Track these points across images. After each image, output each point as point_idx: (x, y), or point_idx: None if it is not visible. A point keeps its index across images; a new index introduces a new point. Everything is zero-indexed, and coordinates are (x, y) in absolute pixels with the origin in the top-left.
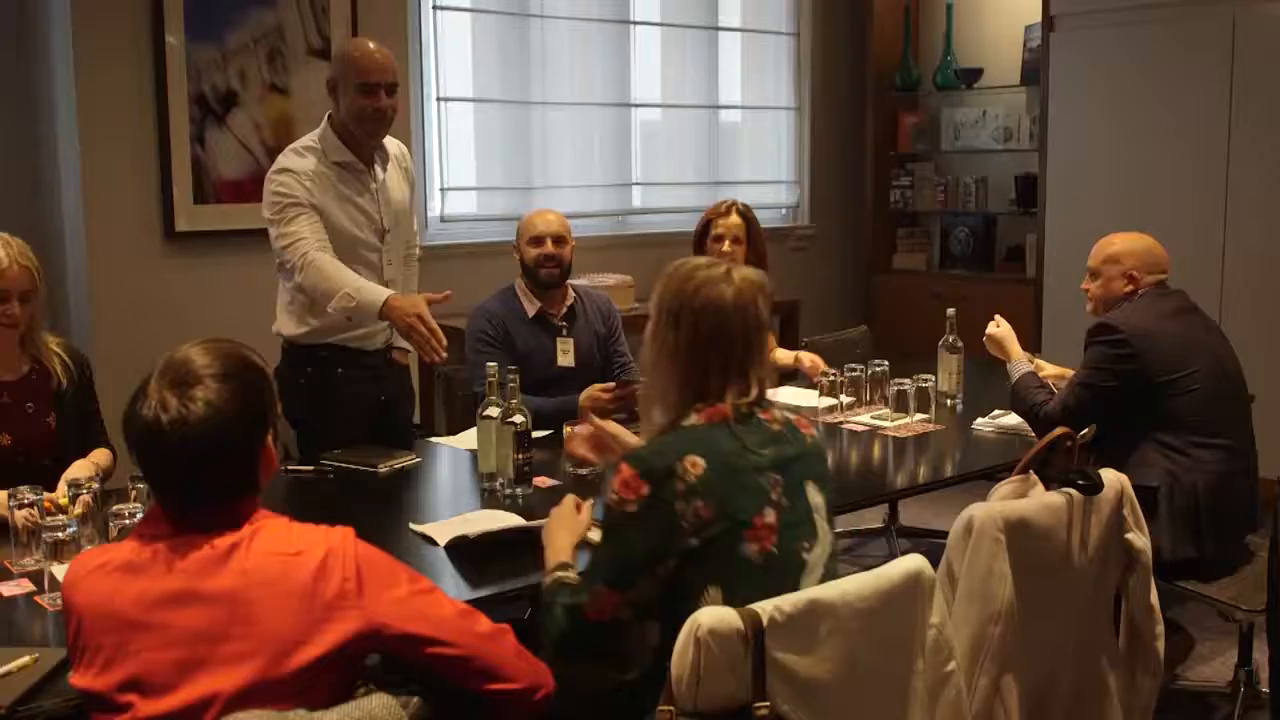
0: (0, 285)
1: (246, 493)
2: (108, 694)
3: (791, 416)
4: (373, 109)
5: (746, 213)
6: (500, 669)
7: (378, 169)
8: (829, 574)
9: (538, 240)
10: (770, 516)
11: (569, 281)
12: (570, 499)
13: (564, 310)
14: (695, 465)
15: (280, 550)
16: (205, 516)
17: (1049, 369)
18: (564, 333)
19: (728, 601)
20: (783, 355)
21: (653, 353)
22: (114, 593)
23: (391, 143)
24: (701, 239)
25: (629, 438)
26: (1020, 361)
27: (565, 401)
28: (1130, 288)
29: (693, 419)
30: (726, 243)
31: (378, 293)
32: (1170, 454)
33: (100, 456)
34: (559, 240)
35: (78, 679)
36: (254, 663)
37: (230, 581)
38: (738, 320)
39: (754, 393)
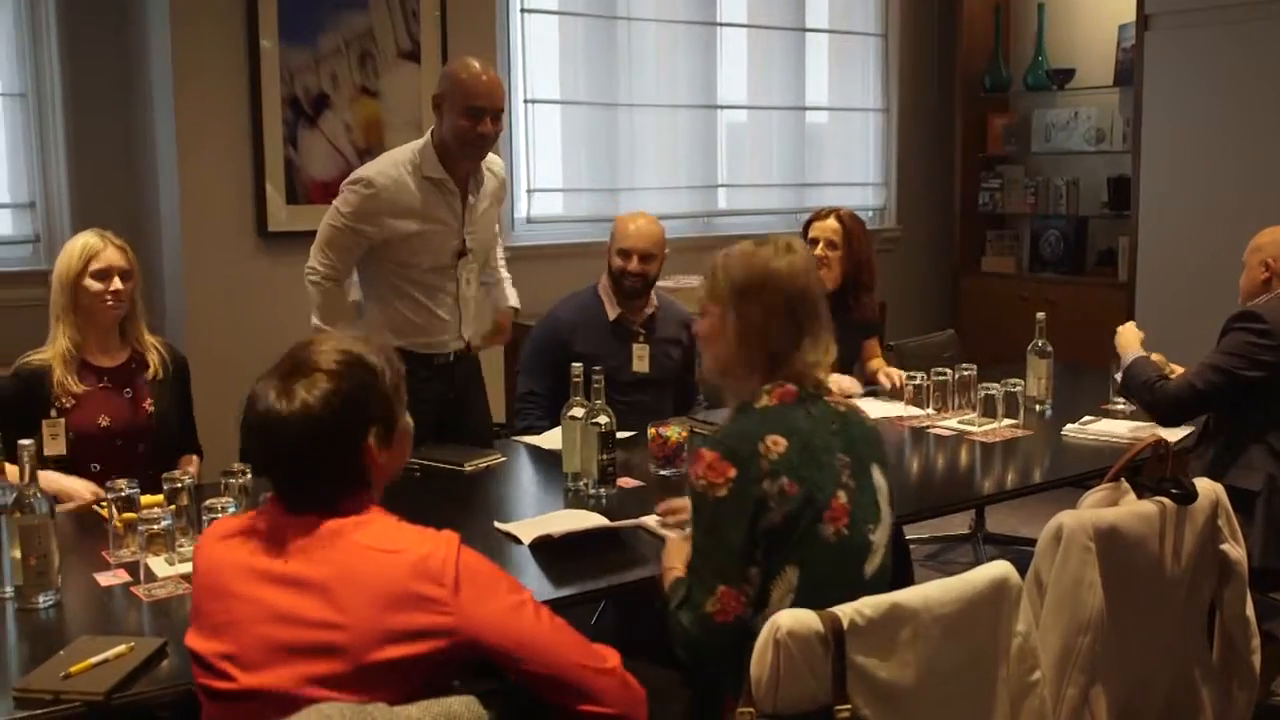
0: (99, 266)
1: (350, 486)
2: (210, 659)
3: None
4: (475, 133)
5: (847, 219)
6: (592, 692)
7: (470, 193)
8: (885, 559)
9: (625, 254)
10: (843, 498)
11: (655, 292)
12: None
13: (644, 317)
14: (777, 444)
15: (381, 546)
16: (307, 503)
17: (1176, 370)
18: (640, 338)
19: (803, 582)
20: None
21: (722, 336)
22: (223, 562)
23: (493, 160)
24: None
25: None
26: (1136, 350)
27: None
28: (1265, 275)
29: (765, 400)
30: (820, 246)
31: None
32: (1278, 459)
33: (190, 465)
34: (647, 258)
35: (189, 639)
36: (343, 652)
37: (327, 570)
38: (800, 292)
39: (825, 359)
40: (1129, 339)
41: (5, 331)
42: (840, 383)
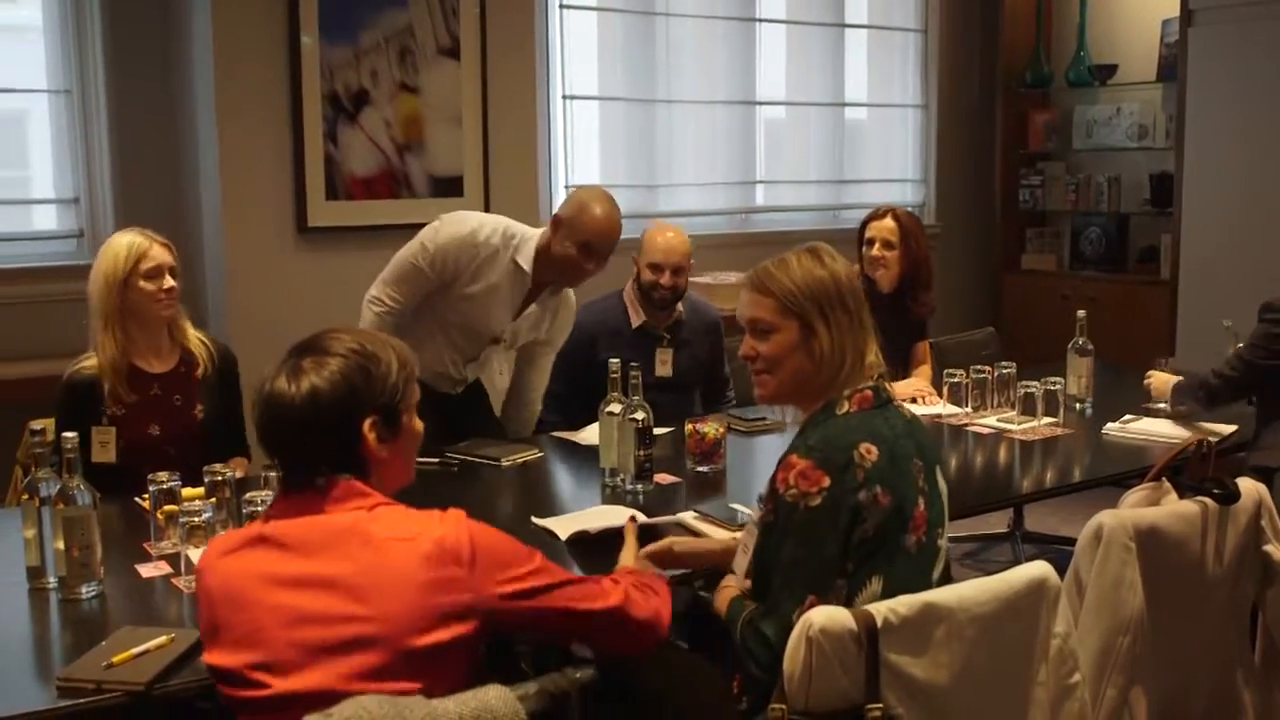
0: (149, 265)
1: (350, 472)
2: (240, 671)
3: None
4: (580, 271)
5: (903, 218)
6: (590, 636)
7: (538, 301)
8: (947, 562)
9: (656, 268)
10: (921, 505)
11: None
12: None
13: (670, 322)
14: (870, 452)
15: (396, 536)
16: (310, 491)
17: None
18: (664, 343)
19: (884, 593)
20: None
21: (801, 351)
22: (240, 575)
23: (568, 295)
24: (859, 242)
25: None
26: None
27: None
28: None
29: (845, 407)
30: (877, 246)
31: None
32: None
33: (237, 466)
34: (678, 271)
35: (210, 657)
36: (376, 643)
37: (347, 565)
38: (860, 295)
39: (878, 360)
40: (1161, 384)
41: (50, 326)
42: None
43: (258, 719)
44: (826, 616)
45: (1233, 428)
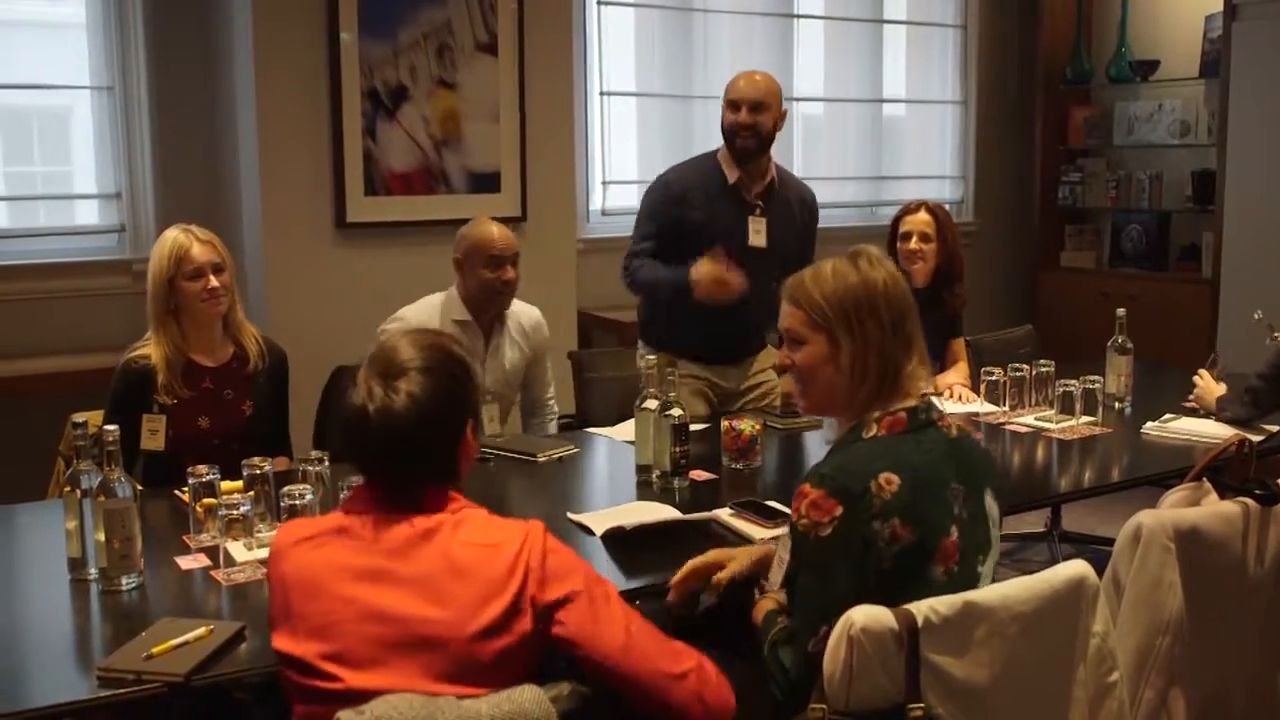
0: (190, 267)
1: (446, 480)
2: (311, 661)
3: (959, 421)
4: (501, 281)
5: (937, 211)
6: (666, 700)
7: (495, 336)
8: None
9: (734, 105)
10: (954, 534)
11: (776, 163)
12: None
13: (762, 187)
14: (890, 482)
15: (480, 541)
16: (406, 499)
17: None
18: (757, 211)
19: None
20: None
21: (831, 365)
22: (318, 564)
23: (526, 311)
24: (892, 237)
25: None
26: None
27: (678, 273)
28: None
29: (873, 430)
30: (914, 240)
31: None
32: None
33: (279, 465)
34: (757, 107)
35: (280, 643)
36: (444, 645)
37: (429, 565)
38: (901, 303)
39: (924, 369)
40: (1206, 394)
41: (91, 320)
42: (945, 381)
43: (326, 709)
44: (867, 616)
45: (1275, 428)
